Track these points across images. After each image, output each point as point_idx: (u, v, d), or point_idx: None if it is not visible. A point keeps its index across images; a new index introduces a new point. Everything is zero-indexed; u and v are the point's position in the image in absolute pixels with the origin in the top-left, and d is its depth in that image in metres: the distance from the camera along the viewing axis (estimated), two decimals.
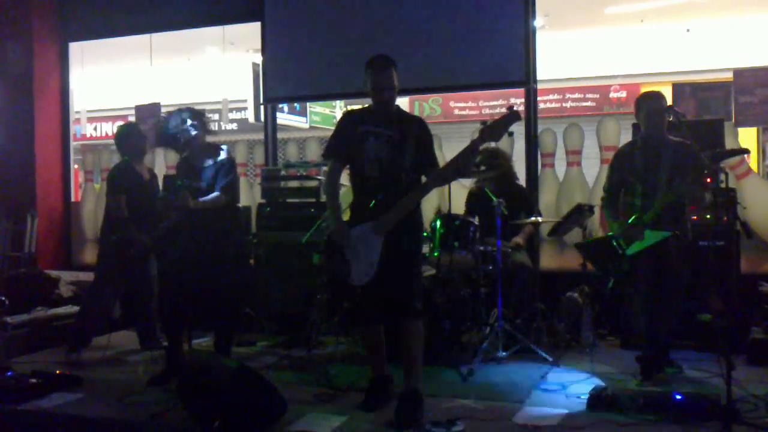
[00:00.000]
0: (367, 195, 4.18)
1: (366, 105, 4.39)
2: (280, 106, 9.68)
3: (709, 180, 5.14)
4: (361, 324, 4.50)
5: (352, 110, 4.52)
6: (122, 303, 6.38)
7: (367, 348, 4.61)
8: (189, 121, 4.98)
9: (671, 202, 4.60)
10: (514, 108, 3.99)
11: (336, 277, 4.64)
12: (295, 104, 11.29)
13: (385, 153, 4.13)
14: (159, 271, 5.72)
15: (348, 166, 4.37)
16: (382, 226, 4.06)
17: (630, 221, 4.74)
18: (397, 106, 4.36)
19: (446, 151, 7.74)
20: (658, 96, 4.86)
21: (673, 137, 4.78)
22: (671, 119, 4.70)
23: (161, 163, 10.40)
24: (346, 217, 4.33)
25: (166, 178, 6.45)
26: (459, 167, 4.01)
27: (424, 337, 4.26)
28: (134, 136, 5.89)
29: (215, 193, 4.94)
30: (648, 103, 4.79)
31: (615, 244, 4.82)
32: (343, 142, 4.28)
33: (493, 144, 6.86)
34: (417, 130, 4.20)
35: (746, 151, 4.76)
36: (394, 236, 4.08)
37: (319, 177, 6.72)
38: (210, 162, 5.05)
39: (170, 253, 5.23)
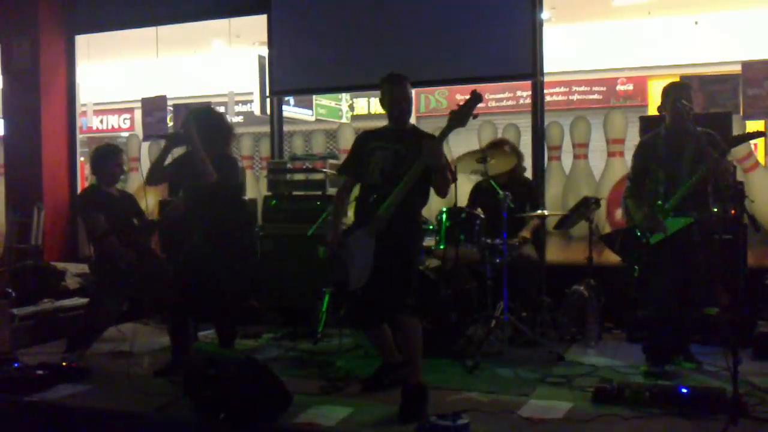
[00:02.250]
0: (368, 199, 4.31)
1: (383, 125, 4.53)
2: (286, 99, 9.67)
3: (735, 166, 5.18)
4: (362, 326, 4.61)
5: (368, 130, 4.66)
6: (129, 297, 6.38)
7: (373, 345, 4.75)
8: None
9: (700, 179, 4.57)
10: (477, 91, 4.10)
11: (335, 284, 4.76)
12: (290, 98, 11.19)
13: (389, 162, 4.27)
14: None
15: None
16: (374, 227, 4.17)
17: (649, 212, 4.72)
18: (414, 125, 4.55)
19: (452, 143, 7.74)
20: (685, 85, 4.86)
21: (699, 128, 4.76)
22: None
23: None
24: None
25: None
26: (430, 158, 4.08)
27: (421, 331, 4.28)
28: (111, 162, 5.67)
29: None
30: (676, 91, 4.75)
31: (639, 234, 4.79)
32: (355, 159, 4.46)
33: (500, 135, 6.85)
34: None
35: (762, 134, 4.77)
36: (387, 236, 4.17)
37: (325, 170, 6.72)
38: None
39: (175, 248, 5.24)
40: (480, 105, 4.13)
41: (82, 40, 8.70)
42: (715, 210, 5.34)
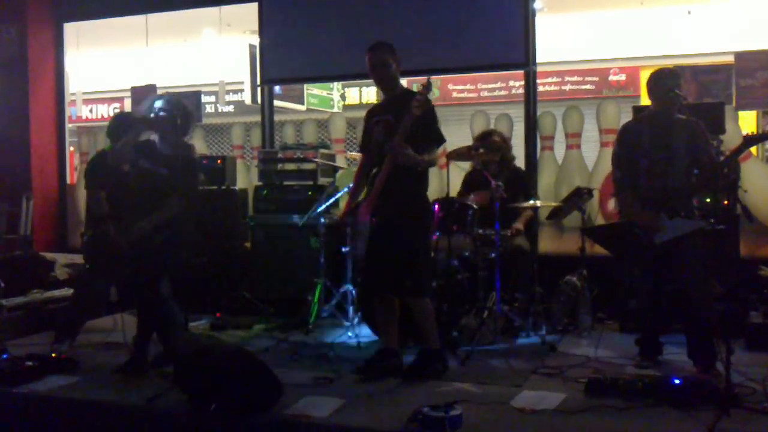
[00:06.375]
0: (370, 174, 4.49)
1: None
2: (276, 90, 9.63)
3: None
4: (376, 293, 4.68)
5: (373, 105, 4.95)
6: (119, 287, 6.34)
7: (381, 317, 4.76)
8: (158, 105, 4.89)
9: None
10: (430, 79, 4.42)
11: (352, 254, 5.17)
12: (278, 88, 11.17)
13: (382, 136, 4.40)
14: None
15: None
16: (368, 206, 4.37)
17: (649, 213, 4.51)
18: (405, 88, 4.69)
19: (445, 133, 7.72)
20: (677, 73, 4.71)
21: (680, 116, 4.70)
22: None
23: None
24: None
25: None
26: (395, 157, 4.28)
27: (431, 306, 4.53)
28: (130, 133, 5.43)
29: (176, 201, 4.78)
30: (669, 79, 4.61)
31: (639, 233, 4.53)
32: (365, 136, 4.66)
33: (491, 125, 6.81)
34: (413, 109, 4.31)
35: None
36: (392, 220, 4.25)
37: (316, 160, 6.70)
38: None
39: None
40: (472, 95, 4.13)
41: (70, 29, 8.63)
42: (708, 200, 5.34)
